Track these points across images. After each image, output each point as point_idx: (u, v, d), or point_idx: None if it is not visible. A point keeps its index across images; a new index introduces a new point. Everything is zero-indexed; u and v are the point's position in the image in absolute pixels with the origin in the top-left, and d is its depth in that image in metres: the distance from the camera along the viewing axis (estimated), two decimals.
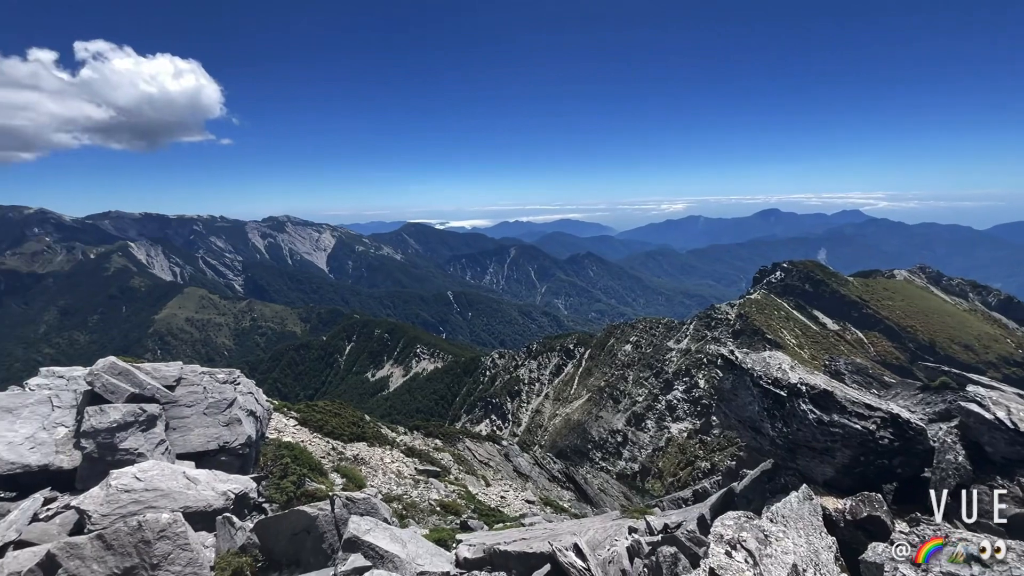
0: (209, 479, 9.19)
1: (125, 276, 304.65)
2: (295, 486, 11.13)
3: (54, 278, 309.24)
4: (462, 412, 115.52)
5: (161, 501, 8.08)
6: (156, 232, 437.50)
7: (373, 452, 18.87)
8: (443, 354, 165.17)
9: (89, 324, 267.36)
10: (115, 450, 9.07)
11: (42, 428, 9.24)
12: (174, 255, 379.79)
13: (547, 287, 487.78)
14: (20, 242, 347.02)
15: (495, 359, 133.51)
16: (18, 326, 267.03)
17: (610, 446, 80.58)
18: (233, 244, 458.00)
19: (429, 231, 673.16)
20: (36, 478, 8.94)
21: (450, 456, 26.03)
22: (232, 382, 12.12)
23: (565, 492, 33.73)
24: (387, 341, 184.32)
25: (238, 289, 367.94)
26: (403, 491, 16.78)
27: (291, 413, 19.04)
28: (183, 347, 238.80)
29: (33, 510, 7.70)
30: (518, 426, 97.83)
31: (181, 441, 10.53)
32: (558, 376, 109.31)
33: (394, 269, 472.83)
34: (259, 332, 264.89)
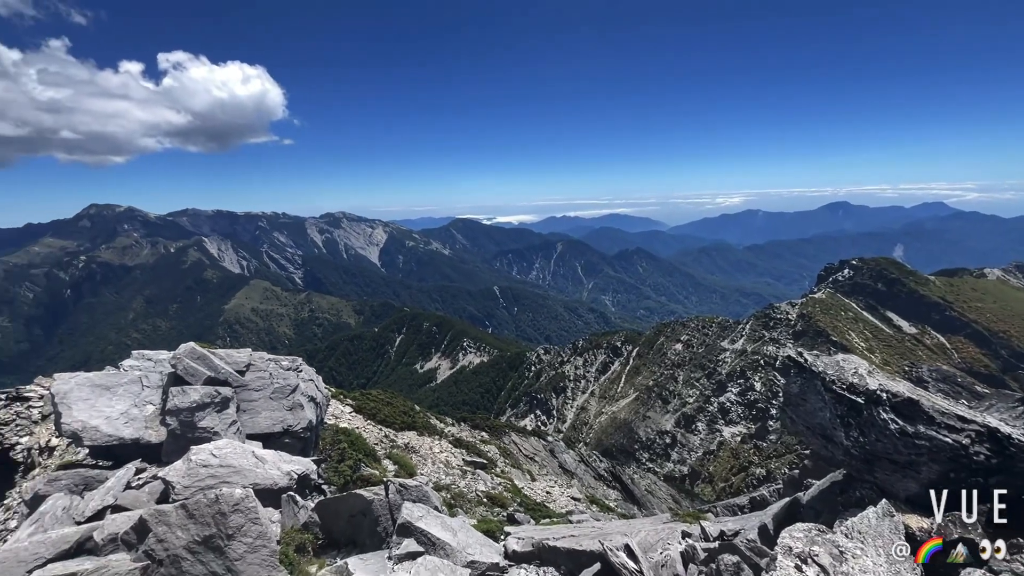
0: (275, 459, 9.77)
1: (199, 269, 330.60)
2: (352, 470, 11.62)
3: (140, 270, 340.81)
4: (507, 406, 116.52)
5: (234, 477, 8.67)
6: (226, 228, 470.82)
7: (423, 441, 19.41)
8: (489, 348, 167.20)
9: (169, 312, 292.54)
10: (194, 428, 9.83)
11: (134, 405, 10.18)
12: (242, 249, 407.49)
13: (594, 283, 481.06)
14: (113, 237, 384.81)
15: (540, 355, 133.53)
16: (111, 312, 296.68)
17: (658, 447, 78.56)
18: (294, 239, 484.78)
19: (476, 226, 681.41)
20: (128, 450, 9.87)
21: (496, 449, 26.32)
22: (295, 369, 12.80)
23: (611, 491, 33.24)
24: (435, 334, 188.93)
25: (298, 282, 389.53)
26: (451, 481, 17.15)
27: (347, 400, 19.91)
28: (249, 335, 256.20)
29: (127, 479, 8.50)
30: (563, 422, 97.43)
31: (250, 423, 11.26)
32: (604, 374, 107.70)
33: (442, 264, 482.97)
34: (316, 323, 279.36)
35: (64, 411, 9.49)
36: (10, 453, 16.76)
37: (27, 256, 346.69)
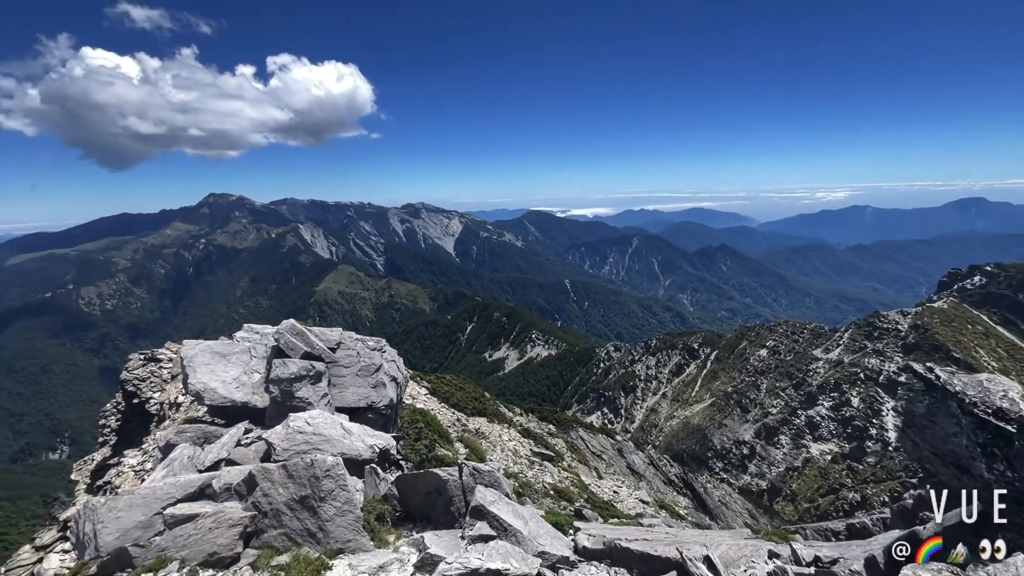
0: (360, 432, 10.45)
1: (295, 253, 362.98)
2: (427, 449, 12.12)
3: (247, 252, 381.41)
4: (573, 401, 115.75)
5: (324, 445, 9.40)
6: (319, 216, 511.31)
7: (492, 428, 19.81)
8: (558, 342, 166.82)
9: (269, 291, 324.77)
10: (292, 397, 10.78)
11: (244, 372, 11.39)
12: (331, 236, 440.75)
13: (671, 280, 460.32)
14: (226, 223, 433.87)
15: (610, 351, 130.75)
16: (223, 289, 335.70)
17: (734, 457, 73.89)
18: (377, 228, 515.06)
19: (550, 219, 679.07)
20: (238, 412, 11.07)
21: (563, 443, 26.22)
22: (379, 350, 13.58)
23: (681, 498, 31.84)
24: (505, 325, 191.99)
25: (380, 268, 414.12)
26: (519, 470, 17.34)
27: (423, 383, 20.83)
28: (335, 316, 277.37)
29: (237, 437, 9.54)
30: (631, 422, 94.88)
31: (339, 396, 12.14)
32: (678, 376, 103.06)
33: (514, 255, 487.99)
34: (395, 307, 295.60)
35: (190, 373, 10.84)
36: (146, 405, 19.55)
37: (160, 238, 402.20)
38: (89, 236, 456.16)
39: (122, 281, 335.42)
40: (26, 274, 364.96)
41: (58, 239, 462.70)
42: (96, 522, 6.39)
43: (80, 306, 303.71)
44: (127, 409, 20.27)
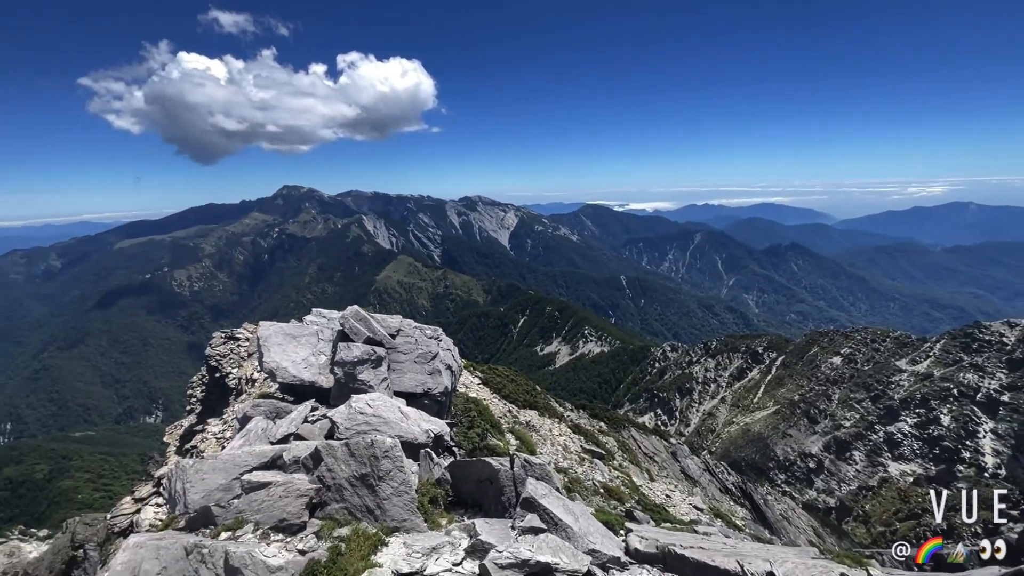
0: (416, 416, 10.79)
1: (358, 243, 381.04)
2: (479, 438, 12.31)
3: (315, 242, 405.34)
4: (625, 400, 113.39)
5: (383, 427, 9.80)
6: (381, 208, 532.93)
7: (543, 422, 19.81)
8: (611, 338, 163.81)
9: (334, 279, 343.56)
10: (355, 379, 11.32)
11: (312, 354, 12.11)
12: (392, 228, 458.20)
13: (736, 280, 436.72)
14: (297, 213, 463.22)
15: (666, 351, 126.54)
16: (293, 275, 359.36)
17: (798, 470, 69.29)
18: (435, 220, 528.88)
19: (607, 213, 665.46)
20: (306, 390, 11.80)
21: (615, 442, 25.76)
22: (436, 338, 13.94)
23: (738, 508, 30.32)
24: (557, 319, 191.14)
25: (436, 259, 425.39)
26: (569, 465, 17.24)
27: (476, 372, 21.18)
28: (393, 304, 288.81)
29: (305, 414, 10.16)
30: (686, 425, 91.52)
31: (397, 381, 12.60)
32: (739, 380, 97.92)
33: (569, 249, 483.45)
34: (450, 298, 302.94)
35: (265, 352, 11.67)
36: (225, 379, 21.34)
37: (240, 227, 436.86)
38: (181, 224, 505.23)
39: (207, 266, 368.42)
40: (130, 257, 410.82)
41: (156, 226, 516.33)
42: (185, 481, 7.06)
43: (173, 287, 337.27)
44: (210, 382, 22.25)
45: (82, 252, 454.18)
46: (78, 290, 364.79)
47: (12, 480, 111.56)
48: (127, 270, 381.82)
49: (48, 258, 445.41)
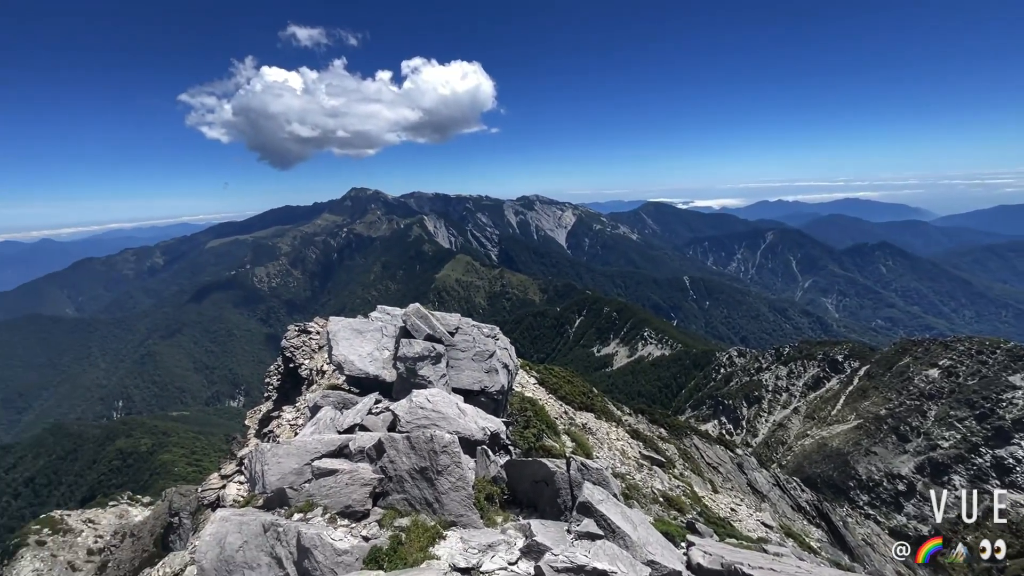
0: (473, 413, 10.95)
1: (420, 243, 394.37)
2: (535, 438, 12.28)
3: (380, 241, 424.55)
4: (687, 406, 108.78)
5: (441, 422, 10.03)
6: (441, 208, 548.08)
7: (600, 425, 19.43)
8: (672, 341, 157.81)
9: (397, 277, 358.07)
10: (415, 374, 11.69)
11: (376, 348, 12.66)
12: (451, 227, 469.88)
13: (812, 281, 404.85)
14: (364, 214, 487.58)
15: (733, 356, 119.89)
16: (359, 273, 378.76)
17: (884, 492, 63.00)
18: (493, 220, 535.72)
19: (669, 211, 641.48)
20: (370, 383, 12.35)
21: (675, 449, 24.77)
22: (493, 337, 14.07)
23: (813, 528, 28.06)
24: (615, 320, 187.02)
25: (493, 258, 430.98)
26: (626, 471, 16.77)
27: (532, 372, 21.18)
28: (452, 302, 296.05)
29: (369, 406, 10.63)
30: (753, 436, 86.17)
31: (455, 378, 12.86)
32: (815, 390, 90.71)
33: (628, 249, 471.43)
34: (506, 297, 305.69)
35: (334, 345, 12.35)
36: (298, 370, 22.85)
37: (313, 227, 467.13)
38: (261, 225, 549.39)
39: (284, 263, 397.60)
40: (219, 255, 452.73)
41: (240, 227, 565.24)
42: (263, 464, 7.63)
43: (254, 283, 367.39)
44: (285, 371, 23.92)
45: (180, 251, 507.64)
46: (177, 285, 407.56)
47: (122, 451, 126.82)
48: (216, 267, 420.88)
49: (153, 256, 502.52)
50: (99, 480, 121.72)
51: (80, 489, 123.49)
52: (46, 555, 45.72)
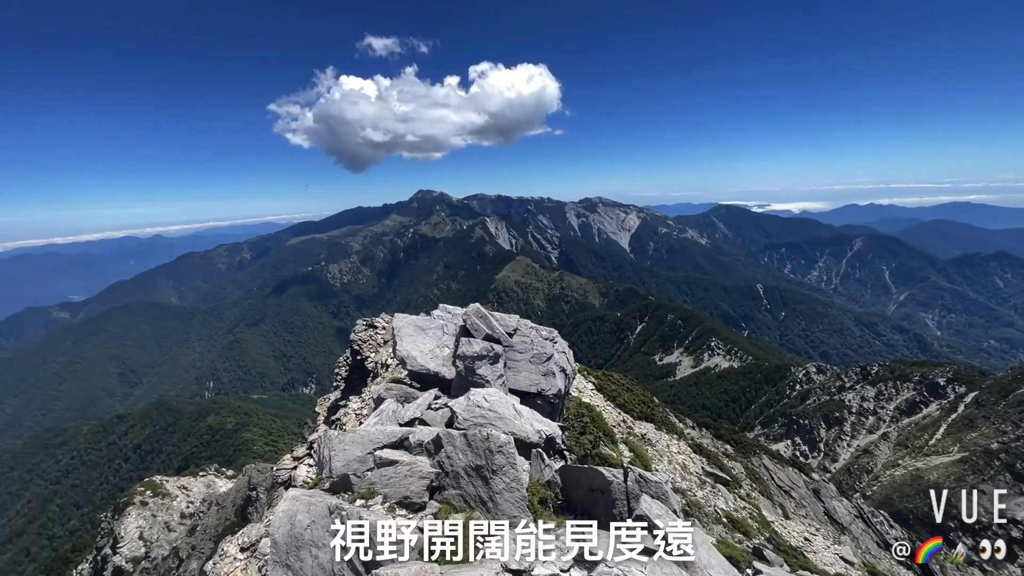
0: (529, 416, 10.91)
1: (481, 244, 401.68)
2: (592, 445, 12.03)
3: (443, 242, 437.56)
4: (756, 423, 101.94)
5: (497, 422, 10.08)
6: (503, 210, 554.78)
7: (660, 436, 18.67)
8: (741, 353, 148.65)
9: (458, 277, 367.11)
10: (473, 373, 11.86)
11: (437, 346, 13.01)
12: (512, 229, 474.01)
13: (909, 294, 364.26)
14: (429, 215, 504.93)
15: (811, 372, 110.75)
16: (423, 272, 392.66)
17: (993, 538, 55.13)
18: (554, 222, 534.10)
19: (742, 214, 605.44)
20: (431, 379, 12.71)
21: (742, 468, 23.26)
22: (552, 340, 13.96)
23: (902, 569, 25.17)
24: (679, 328, 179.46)
25: (553, 261, 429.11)
26: (687, 487, 15.98)
27: (590, 377, 20.79)
28: (510, 303, 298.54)
29: (429, 401, 10.93)
30: (832, 460, 78.96)
31: (512, 379, 12.90)
32: (909, 416, 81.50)
33: (696, 254, 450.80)
34: (565, 300, 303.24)
35: (398, 341, 12.84)
36: (364, 363, 24.01)
37: (381, 228, 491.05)
38: (336, 224, 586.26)
39: (354, 261, 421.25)
40: (297, 252, 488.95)
41: (317, 226, 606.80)
42: (331, 450, 8.07)
43: (327, 279, 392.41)
44: (352, 363, 25.25)
45: (265, 247, 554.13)
46: (261, 279, 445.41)
47: (211, 427, 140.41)
48: (295, 263, 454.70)
49: (242, 252, 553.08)
50: (192, 451, 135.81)
51: (176, 458, 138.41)
52: (148, 514, 51.61)
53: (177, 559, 47.53)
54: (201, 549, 45.53)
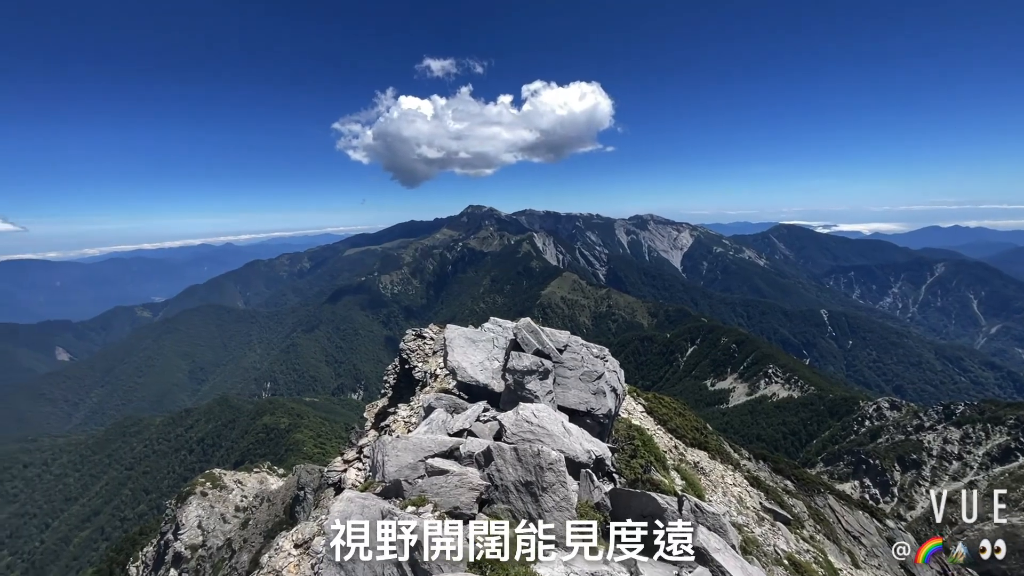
0: (579, 434, 10.69)
1: (528, 259, 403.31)
2: (643, 469, 11.60)
3: (491, 256, 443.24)
4: (818, 459, 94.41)
5: (546, 438, 9.94)
6: (550, 226, 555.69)
7: (714, 466, 17.70)
8: (803, 382, 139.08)
9: (504, 291, 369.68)
10: (523, 388, 11.81)
11: (487, 358, 13.10)
12: (560, 245, 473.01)
13: (1002, 327, 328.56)
14: (478, 230, 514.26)
15: (883, 408, 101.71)
16: (470, 285, 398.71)
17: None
18: (602, 238, 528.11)
19: (805, 235, 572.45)
20: (480, 391, 12.78)
21: (804, 507, 21.55)
22: (603, 358, 13.68)
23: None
24: (733, 352, 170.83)
25: (601, 278, 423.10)
26: (743, 522, 14.98)
27: (639, 399, 20.13)
28: (556, 319, 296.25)
29: (478, 413, 10.98)
30: (908, 507, 71.53)
31: (561, 396, 12.73)
32: (1002, 464, 72.76)
33: (753, 275, 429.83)
34: (612, 318, 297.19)
35: (449, 351, 13.05)
36: (413, 372, 24.49)
37: (432, 241, 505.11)
38: (389, 237, 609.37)
39: (405, 273, 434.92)
40: (353, 263, 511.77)
41: (371, 238, 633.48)
42: (384, 454, 8.26)
43: (379, 289, 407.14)
44: (400, 372, 25.84)
45: (323, 257, 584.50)
46: (318, 287, 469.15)
47: (267, 426, 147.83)
48: (350, 273, 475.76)
49: (302, 261, 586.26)
50: (248, 448, 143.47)
51: (234, 453, 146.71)
52: (207, 505, 54.81)
53: (230, 550, 50.03)
54: (252, 542, 47.70)
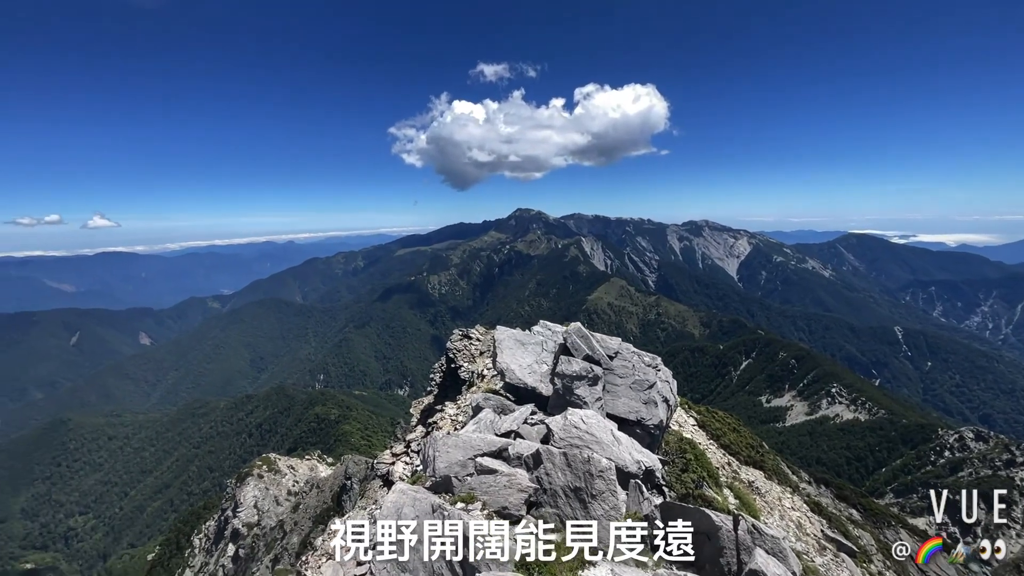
0: (628, 444, 10.42)
1: (575, 263, 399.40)
2: (694, 484, 11.16)
3: (538, 259, 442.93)
4: (887, 489, 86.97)
5: (595, 446, 9.77)
6: (599, 230, 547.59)
7: (771, 487, 16.72)
8: (871, 404, 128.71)
9: (550, 295, 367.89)
10: (571, 393, 11.71)
11: (536, 361, 13.09)
12: (609, 250, 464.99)
13: None
14: (525, 233, 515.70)
15: (967, 438, 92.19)
16: (516, 288, 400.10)
17: None
18: (653, 244, 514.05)
19: (879, 245, 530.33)
20: (527, 394, 12.78)
21: (871, 539, 19.93)
22: (654, 367, 13.31)
23: None
24: (792, 368, 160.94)
25: (650, 285, 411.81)
26: (803, 549, 14.04)
27: (691, 412, 19.39)
28: (602, 325, 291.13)
29: (526, 416, 10.99)
30: (995, 551, 64.23)
31: (610, 403, 12.49)
32: None
33: (817, 286, 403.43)
34: (661, 327, 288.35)
35: (498, 352, 13.15)
36: (459, 371, 24.86)
37: (480, 243, 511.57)
38: (439, 238, 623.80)
39: (453, 274, 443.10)
40: (404, 263, 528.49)
41: (422, 239, 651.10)
42: (435, 450, 8.45)
43: (427, 289, 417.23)
44: (446, 370, 26.32)
45: (376, 256, 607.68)
46: (370, 285, 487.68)
47: (318, 416, 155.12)
48: (400, 272, 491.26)
49: (356, 260, 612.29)
50: (300, 435, 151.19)
51: (288, 440, 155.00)
52: (263, 486, 58.19)
53: (282, 531, 52.86)
54: (301, 526, 50.17)
